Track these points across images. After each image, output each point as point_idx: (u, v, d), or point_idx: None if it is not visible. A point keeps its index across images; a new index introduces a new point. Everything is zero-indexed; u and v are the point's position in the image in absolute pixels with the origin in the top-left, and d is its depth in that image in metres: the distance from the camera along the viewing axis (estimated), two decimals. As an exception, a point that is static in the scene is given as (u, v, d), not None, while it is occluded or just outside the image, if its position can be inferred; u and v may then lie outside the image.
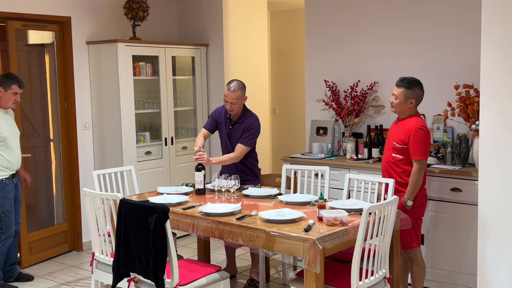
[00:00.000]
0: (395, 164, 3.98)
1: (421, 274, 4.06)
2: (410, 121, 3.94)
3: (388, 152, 4.05)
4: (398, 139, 3.95)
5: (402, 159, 3.95)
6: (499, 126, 3.42)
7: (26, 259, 5.29)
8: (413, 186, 3.89)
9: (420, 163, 3.87)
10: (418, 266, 4.05)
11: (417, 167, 3.87)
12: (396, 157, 3.97)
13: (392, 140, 4.01)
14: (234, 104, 4.46)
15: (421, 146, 3.86)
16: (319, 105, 5.53)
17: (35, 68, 5.69)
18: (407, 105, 3.94)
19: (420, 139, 3.86)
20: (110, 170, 4.71)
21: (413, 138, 3.87)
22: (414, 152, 3.87)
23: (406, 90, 3.93)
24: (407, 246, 3.98)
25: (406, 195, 3.90)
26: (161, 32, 6.42)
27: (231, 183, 4.09)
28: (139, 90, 5.90)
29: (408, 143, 3.90)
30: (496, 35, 3.38)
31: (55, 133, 5.71)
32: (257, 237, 3.40)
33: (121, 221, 3.48)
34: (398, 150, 3.96)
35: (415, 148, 3.86)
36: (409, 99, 3.93)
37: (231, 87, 4.45)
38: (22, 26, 5.27)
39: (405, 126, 3.94)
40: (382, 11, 5.16)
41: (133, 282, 3.60)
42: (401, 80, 3.99)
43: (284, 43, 7.73)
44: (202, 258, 4.74)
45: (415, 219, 3.96)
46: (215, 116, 4.71)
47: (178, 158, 6.16)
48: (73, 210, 5.75)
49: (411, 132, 3.88)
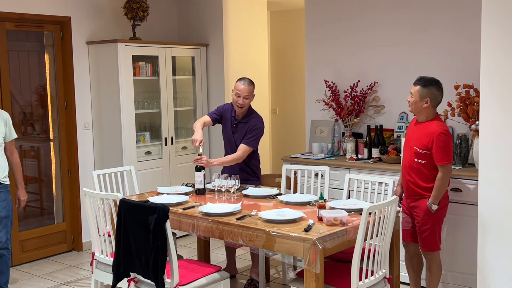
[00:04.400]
0: (419, 169, 3.89)
1: (439, 275, 4.04)
2: (431, 124, 3.84)
3: (410, 156, 3.95)
4: (420, 144, 3.85)
5: (425, 163, 3.86)
6: (499, 126, 3.42)
7: (17, 257, 5.33)
8: (438, 191, 3.82)
9: (445, 168, 3.80)
10: (438, 267, 4.01)
11: (442, 173, 3.80)
12: (419, 162, 3.88)
13: (413, 144, 3.91)
14: (247, 99, 4.51)
15: (445, 151, 3.78)
16: (319, 105, 5.53)
17: (35, 68, 5.70)
18: (422, 104, 3.84)
19: (443, 144, 3.77)
20: (110, 170, 4.71)
21: (436, 143, 3.77)
22: (438, 158, 3.79)
23: (422, 88, 3.84)
24: (431, 248, 3.94)
25: (431, 199, 3.84)
26: (161, 32, 6.43)
27: (231, 183, 4.09)
28: (139, 90, 5.90)
29: (430, 148, 3.80)
30: (496, 35, 3.38)
31: (55, 133, 5.72)
32: (257, 237, 3.40)
33: (121, 221, 3.48)
34: (421, 156, 3.86)
35: (439, 154, 3.78)
36: (424, 98, 3.83)
37: (245, 81, 4.52)
38: (14, 27, 5.27)
39: (427, 130, 3.84)
40: (383, 12, 5.16)
41: (133, 282, 3.61)
42: (419, 78, 3.90)
43: (284, 43, 7.73)
44: (202, 258, 4.74)
45: (439, 221, 3.93)
46: (221, 111, 4.72)
47: (178, 158, 6.16)
48: (73, 210, 5.75)
49: (433, 137, 3.78)
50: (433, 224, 3.90)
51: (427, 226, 3.90)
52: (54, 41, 5.62)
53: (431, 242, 3.93)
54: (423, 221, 3.89)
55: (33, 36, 5.66)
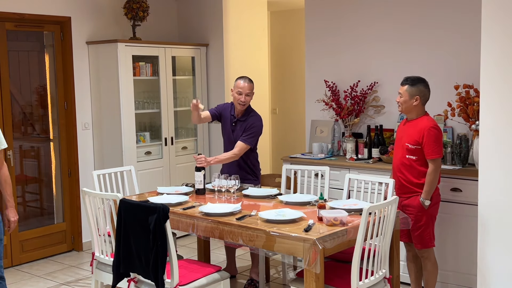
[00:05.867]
0: (410, 165, 3.94)
1: (436, 273, 4.07)
2: (422, 120, 3.93)
3: (400, 153, 4.01)
4: (411, 139, 3.92)
5: (417, 159, 3.92)
6: (499, 126, 3.42)
7: (17, 258, 5.33)
8: (430, 186, 3.88)
9: (436, 162, 3.87)
10: (434, 265, 4.04)
11: (433, 167, 3.87)
12: (410, 158, 3.93)
13: (404, 141, 3.97)
14: (248, 96, 4.57)
15: (436, 145, 3.85)
16: (319, 105, 5.53)
17: (35, 68, 5.70)
18: (412, 102, 3.92)
19: (434, 138, 3.85)
20: (110, 170, 4.71)
21: (427, 137, 3.85)
22: (429, 152, 3.86)
23: (410, 87, 3.93)
24: (426, 245, 3.99)
25: (424, 195, 3.89)
26: (161, 32, 6.42)
27: (231, 183, 4.09)
28: (139, 90, 5.90)
29: (422, 143, 3.87)
30: (496, 35, 3.38)
31: (55, 133, 5.71)
32: (257, 237, 3.40)
33: (121, 221, 3.48)
34: (412, 151, 3.92)
35: (430, 147, 3.85)
36: (413, 96, 3.91)
37: (245, 79, 4.59)
38: (14, 27, 5.27)
39: (417, 126, 3.92)
40: (382, 11, 5.16)
41: (133, 282, 3.61)
42: (405, 78, 4.00)
43: (284, 43, 7.72)
44: (202, 258, 4.74)
45: (432, 218, 3.98)
46: (221, 109, 4.77)
47: (178, 158, 6.16)
48: (73, 210, 5.75)
49: (424, 131, 3.86)
50: (427, 221, 3.94)
51: (421, 223, 3.93)
52: (54, 41, 5.62)
53: (425, 239, 3.96)
54: (416, 218, 3.93)
55: (33, 36, 5.66)
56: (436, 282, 4.09)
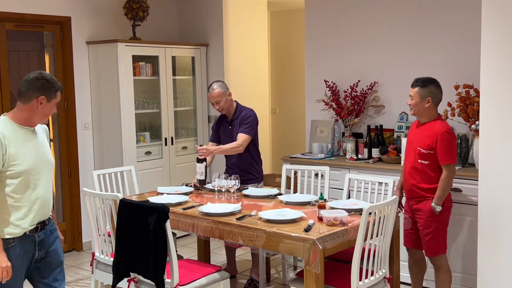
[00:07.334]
0: (422, 170, 3.82)
1: (449, 281, 3.93)
2: (435, 124, 3.80)
3: (412, 157, 3.88)
4: (424, 144, 3.80)
5: (429, 164, 3.79)
6: (499, 126, 3.42)
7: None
8: (443, 191, 3.76)
9: (450, 168, 3.75)
10: (447, 273, 3.91)
11: (446, 172, 3.74)
12: (422, 163, 3.81)
13: (416, 145, 3.85)
14: (219, 103, 4.57)
15: (450, 151, 3.73)
16: (319, 105, 5.53)
17: (35, 68, 5.69)
18: (424, 104, 3.79)
19: (447, 143, 3.72)
20: (110, 170, 4.71)
21: (440, 143, 3.72)
22: (443, 157, 3.73)
23: (421, 88, 3.79)
24: (434, 253, 3.86)
25: (435, 200, 3.77)
26: (161, 32, 6.42)
27: (231, 183, 4.09)
28: (139, 90, 5.90)
29: (435, 148, 3.75)
30: (496, 35, 3.38)
31: (55, 133, 5.71)
32: (257, 237, 3.40)
33: (121, 221, 3.48)
34: (424, 156, 3.80)
35: (444, 153, 3.72)
36: (425, 98, 3.78)
37: (209, 89, 4.61)
38: (14, 27, 5.27)
39: (430, 130, 3.79)
40: (382, 11, 5.16)
41: (133, 282, 3.61)
42: (415, 80, 3.86)
43: (284, 43, 7.72)
44: (202, 258, 4.74)
45: (443, 224, 3.86)
46: (215, 127, 4.82)
47: (178, 158, 6.16)
48: (73, 210, 5.75)
49: (437, 136, 3.73)
50: (437, 227, 3.82)
51: (430, 229, 3.82)
52: (54, 41, 5.62)
53: (434, 246, 3.84)
54: (426, 223, 3.82)
55: (33, 36, 5.65)
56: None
